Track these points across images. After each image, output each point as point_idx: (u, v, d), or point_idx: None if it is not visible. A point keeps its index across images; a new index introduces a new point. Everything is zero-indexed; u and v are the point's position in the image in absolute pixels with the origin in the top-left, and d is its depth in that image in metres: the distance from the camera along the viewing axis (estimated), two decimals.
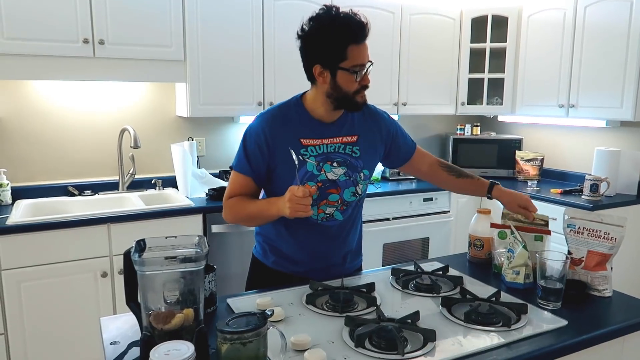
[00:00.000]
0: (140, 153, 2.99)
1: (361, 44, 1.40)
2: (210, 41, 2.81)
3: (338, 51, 1.38)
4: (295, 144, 1.47)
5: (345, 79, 1.41)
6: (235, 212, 1.52)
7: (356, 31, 1.38)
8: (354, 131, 1.55)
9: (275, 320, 1.22)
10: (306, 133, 1.49)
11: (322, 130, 1.51)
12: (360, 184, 1.55)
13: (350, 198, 1.54)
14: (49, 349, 2.36)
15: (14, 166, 2.75)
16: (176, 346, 0.92)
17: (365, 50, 1.41)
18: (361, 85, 1.44)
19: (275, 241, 1.60)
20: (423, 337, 1.14)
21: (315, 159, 1.48)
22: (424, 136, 4.13)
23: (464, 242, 3.43)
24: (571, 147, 3.59)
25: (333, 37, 1.37)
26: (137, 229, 2.46)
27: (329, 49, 1.39)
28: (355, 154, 1.53)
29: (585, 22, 3.08)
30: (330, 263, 1.60)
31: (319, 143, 1.50)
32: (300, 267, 1.58)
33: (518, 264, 1.49)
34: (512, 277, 1.49)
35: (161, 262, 1.03)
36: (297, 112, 1.51)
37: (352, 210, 1.58)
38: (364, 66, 1.41)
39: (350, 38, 1.38)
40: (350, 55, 1.39)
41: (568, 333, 1.22)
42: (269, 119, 1.51)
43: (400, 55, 3.47)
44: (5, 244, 2.21)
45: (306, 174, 1.47)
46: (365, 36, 1.41)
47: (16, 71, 2.43)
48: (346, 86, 1.42)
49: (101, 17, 2.51)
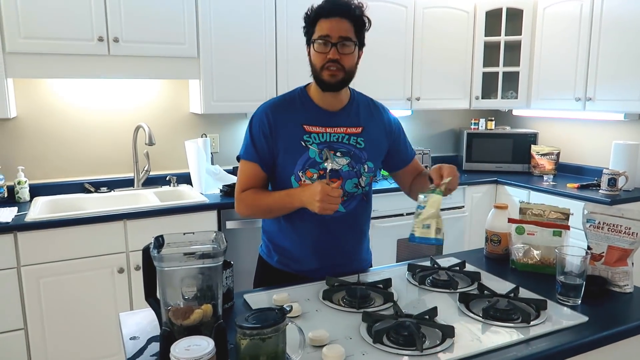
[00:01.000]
0: (155, 150, 3.02)
1: (331, 18, 1.41)
2: (223, 38, 2.82)
3: (311, 25, 1.45)
4: (299, 130, 1.48)
5: (314, 52, 1.45)
6: (251, 204, 1.51)
7: (326, 6, 1.42)
8: (359, 122, 1.55)
9: (292, 316, 1.22)
10: (309, 120, 1.50)
11: (327, 118, 1.51)
12: (364, 176, 1.53)
13: (352, 189, 1.52)
14: (68, 344, 2.40)
15: (32, 164, 2.79)
16: (196, 341, 0.93)
17: (335, 24, 1.41)
18: (328, 59, 1.42)
19: (277, 237, 1.59)
20: (441, 333, 1.13)
21: (318, 146, 1.48)
22: (437, 131, 4.10)
23: (479, 238, 3.43)
24: (588, 141, 3.54)
25: (309, 14, 1.46)
26: (153, 225, 2.48)
27: (306, 25, 1.47)
28: (359, 145, 1.52)
29: (603, 14, 3.03)
30: (334, 262, 1.57)
31: (322, 131, 1.50)
32: (304, 265, 1.56)
33: (429, 215, 1.35)
34: (423, 231, 1.36)
35: (180, 258, 1.03)
36: (301, 100, 1.53)
37: (356, 205, 1.55)
38: (329, 37, 1.41)
39: (320, 12, 1.42)
40: (318, 27, 1.43)
41: (589, 329, 1.20)
42: (272, 105, 1.53)
43: (413, 50, 3.45)
44: (25, 241, 2.25)
45: (308, 161, 1.47)
46: (340, 13, 1.41)
47: (32, 70, 2.45)
48: (314, 59, 1.45)
49: (115, 15, 2.53)
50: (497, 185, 3.53)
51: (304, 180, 1.47)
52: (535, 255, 1.58)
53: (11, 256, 2.23)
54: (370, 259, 1.73)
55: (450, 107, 3.74)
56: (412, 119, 3.94)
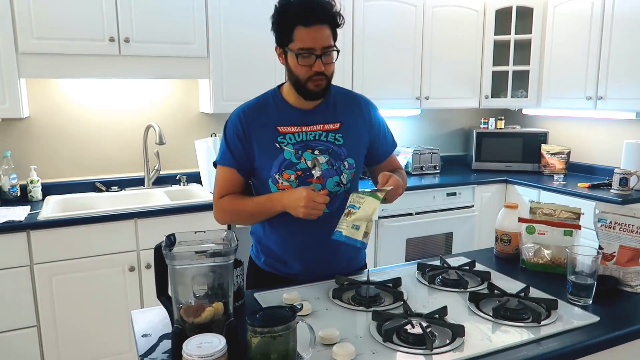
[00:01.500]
0: (165, 149, 3.04)
1: (311, 26, 1.33)
2: (232, 38, 2.83)
3: (286, 32, 1.36)
4: (272, 132, 1.46)
5: (293, 62, 1.39)
6: (230, 210, 1.50)
7: (303, 12, 1.32)
8: (336, 118, 1.50)
9: (303, 315, 1.22)
10: (283, 121, 1.47)
11: (301, 117, 1.48)
12: (345, 173, 1.48)
13: (334, 188, 1.47)
14: (79, 341, 2.43)
15: (44, 163, 2.82)
16: (208, 339, 0.94)
17: (316, 34, 1.34)
18: (314, 72, 1.37)
19: (263, 239, 1.57)
20: (451, 333, 1.13)
21: (294, 147, 1.45)
22: (447, 130, 4.09)
23: (488, 237, 3.42)
24: (599, 140, 3.52)
25: (282, 17, 1.37)
26: (163, 224, 2.50)
27: (279, 29, 1.38)
28: (338, 142, 1.48)
29: (615, 12, 3.00)
30: (321, 263, 1.52)
31: (297, 131, 1.46)
32: (290, 268, 1.54)
33: (361, 217, 1.29)
34: (351, 231, 1.28)
35: (191, 256, 1.04)
36: (274, 101, 1.50)
37: (340, 204, 1.48)
38: (313, 50, 1.35)
39: (297, 19, 1.33)
40: (296, 37, 1.35)
41: (600, 329, 1.19)
42: (245, 108, 1.51)
43: (422, 49, 3.44)
44: (37, 239, 2.28)
45: (283, 162, 1.44)
46: (319, 20, 1.34)
47: (45, 70, 2.48)
48: (295, 70, 1.39)
49: (126, 15, 2.55)
50: (507, 184, 3.51)
51: (281, 182, 1.45)
52: (545, 254, 1.58)
53: (24, 254, 2.26)
54: (363, 257, 1.67)
55: (459, 106, 3.73)
56: (421, 118, 3.93)
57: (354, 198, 1.34)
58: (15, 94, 2.42)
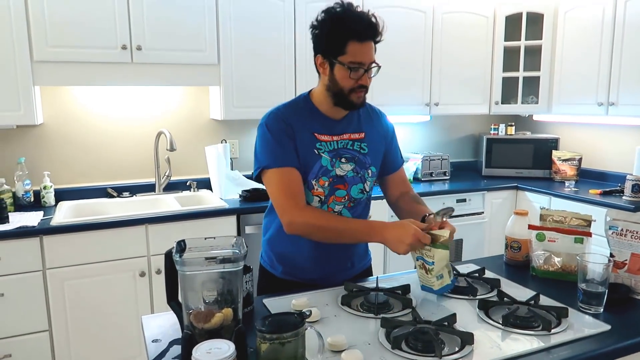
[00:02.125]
0: (176, 155, 3.06)
1: (364, 42, 1.38)
2: (243, 45, 2.86)
3: (338, 44, 1.39)
4: (311, 138, 1.48)
5: (342, 74, 1.41)
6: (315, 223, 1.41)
7: (360, 29, 1.38)
8: (360, 128, 1.56)
9: (311, 321, 1.23)
10: (318, 128, 1.50)
11: (332, 126, 1.52)
12: (368, 181, 1.54)
13: (357, 195, 1.53)
14: (91, 345, 2.45)
15: (57, 169, 2.86)
16: (217, 345, 0.95)
17: (367, 50, 1.40)
18: (358, 84, 1.42)
19: (280, 245, 1.58)
20: (461, 340, 1.13)
21: (329, 154, 1.49)
22: (456, 136, 4.08)
23: (499, 244, 3.40)
24: (611, 146, 3.48)
25: (336, 29, 1.39)
26: (174, 230, 2.52)
27: (330, 40, 1.40)
28: (363, 150, 1.53)
29: (626, 17, 2.98)
30: (337, 268, 1.58)
31: (330, 139, 1.50)
32: (310, 273, 1.56)
33: (441, 268, 1.37)
34: (440, 282, 1.38)
35: (201, 262, 1.05)
36: (306, 108, 1.53)
37: (361, 211, 1.57)
38: (363, 65, 1.40)
39: (352, 34, 1.37)
40: (349, 50, 1.38)
41: (611, 338, 1.18)
42: (282, 111, 1.51)
43: (432, 55, 3.44)
44: (50, 244, 2.31)
45: (321, 169, 1.47)
46: (371, 37, 1.40)
47: (59, 78, 2.53)
48: (342, 82, 1.42)
49: (138, 23, 2.59)
50: (518, 191, 3.49)
51: (316, 188, 1.48)
52: (556, 262, 1.57)
53: (37, 259, 2.29)
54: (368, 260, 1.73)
55: (469, 112, 3.72)
56: (431, 124, 3.92)
57: (419, 250, 1.38)
58: (29, 101, 2.46)
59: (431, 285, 1.39)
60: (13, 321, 2.29)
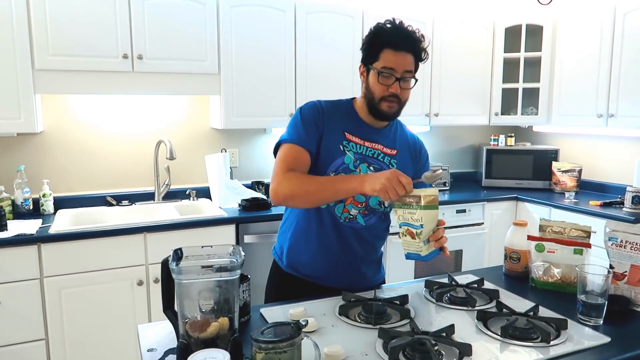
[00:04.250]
0: (176, 164, 3.07)
1: (399, 51, 1.42)
2: (243, 55, 2.87)
3: (374, 51, 1.45)
4: (340, 135, 1.51)
5: (374, 80, 1.46)
6: (299, 181, 1.41)
7: (396, 37, 1.43)
8: (395, 145, 1.58)
9: (308, 331, 1.22)
10: (351, 129, 1.53)
11: (367, 132, 1.54)
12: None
13: (375, 205, 1.53)
14: (87, 354, 2.43)
15: (56, 177, 2.86)
16: (213, 354, 0.94)
17: (401, 59, 1.43)
18: (390, 93, 1.44)
19: (291, 237, 1.60)
20: (458, 351, 1.12)
21: (354, 155, 1.50)
22: (456, 147, 4.08)
23: (498, 255, 3.38)
24: (611, 158, 3.48)
25: (374, 38, 1.46)
26: (172, 239, 2.51)
27: (368, 48, 1.47)
28: (392, 166, 1.54)
29: (625, 30, 3.00)
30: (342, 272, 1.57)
31: (361, 142, 1.53)
32: (313, 270, 1.57)
33: (429, 230, 1.30)
34: (427, 247, 1.30)
35: (198, 270, 1.05)
36: (346, 109, 1.57)
37: (375, 221, 1.56)
38: (394, 72, 1.43)
39: (387, 42, 1.43)
40: (382, 57, 1.43)
41: (611, 350, 1.17)
42: (321, 103, 1.56)
43: (432, 66, 3.45)
44: (48, 252, 2.30)
45: (342, 165, 1.49)
46: (408, 49, 1.43)
47: (60, 86, 2.53)
48: (374, 87, 1.46)
49: (140, 33, 2.60)
50: (517, 202, 3.49)
51: None
52: (555, 273, 1.56)
53: (35, 267, 2.28)
54: (381, 277, 1.71)
55: (469, 123, 3.73)
56: (431, 134, 3.93)
57: (404, 215, 1.31)
58: (30, 109, 2.47)
59: (418, 251, 1.31)
60: (9, 330, 2.27)
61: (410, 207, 1.29)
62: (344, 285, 1.52)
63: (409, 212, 1.30)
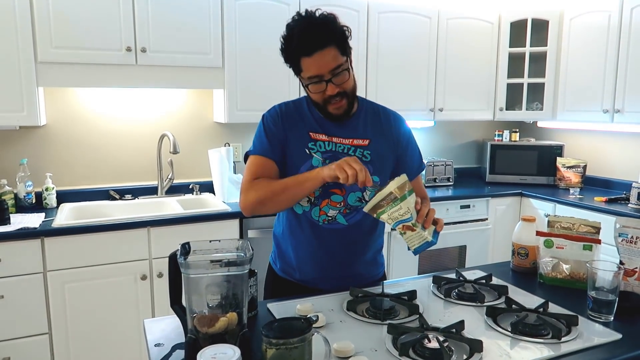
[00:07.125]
0: (179, 158, 3.05)
1: (313, 55, 1.33)
2: (247, 48, 2.85)
3: (292, 64, 1.39)
4: (305, 137, 1.46)
5: (308, 90, 1.42)
6: (263, 187, 1.40)
7: (304, 43, 1.33)
8: (366, 134, 1.50)
9: (317, 327, 1.21)
10: (316, 128, 1.48)
11: (333, 129, 1.48)
12: (368, 190, 1.45)
13: (355, 203, 1.47)
14: (91, 349, 2.42)
15: (59, 171, 2.85)
16: (222, 350, 0.93)
17: (319, 61, 1.33)
18: (328, 96, 1.38)
19: (282, 242, 1.58)
20: (469, 348, 1.11)
21: (322, 155, 1.45)
22: (460, 142, 4.06)
23: (502, 251, 3.37)
24: (616, 154, 3.46)
25: (287, 49, 1.38)
26: (176, 233, 2.50)
27: (287, 61, 1.40)
28: (365, 158, 1.47)
29: (632, 24, 2.97)
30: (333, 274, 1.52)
31: (328, 140, 1.47)
32: (303, 275, 1.54)
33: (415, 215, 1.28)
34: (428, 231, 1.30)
35: (206, 265, 1.03)
36: (309, 109, 1.51)
37: (361, 217, 1.48)
38: (321, 76, 1.35)
39: (299, 51, 1.34)
40: (303, 66, 1.36)
41: (623, 347, 1.16)
42: (283, 105, 1.53)
43: (437, 60, 3.43)
44: (51, 246, 2.29)
45: (310, 168, 1.43)
46: (320, 45, 1.32)
47: (63, 79, 2.52)
48: (312, 96, 1.43)
49: (143, 26, 2.58)
50: (522, 197, 3.47)
51: None
52: (564, 269, 1.54)
53: (38, 261, 2.27)
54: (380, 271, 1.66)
55: (473, 118, 3.71)
56: (435, 130, 3.91)
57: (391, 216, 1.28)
58: (33, 103, 2.45)
59: (424, 239, 1.29)
60: (12, 323, 2.27)
61: (392, 205, 1.28)
62: (338, 288, 1.47)
63: (393, 210, 1.28)
